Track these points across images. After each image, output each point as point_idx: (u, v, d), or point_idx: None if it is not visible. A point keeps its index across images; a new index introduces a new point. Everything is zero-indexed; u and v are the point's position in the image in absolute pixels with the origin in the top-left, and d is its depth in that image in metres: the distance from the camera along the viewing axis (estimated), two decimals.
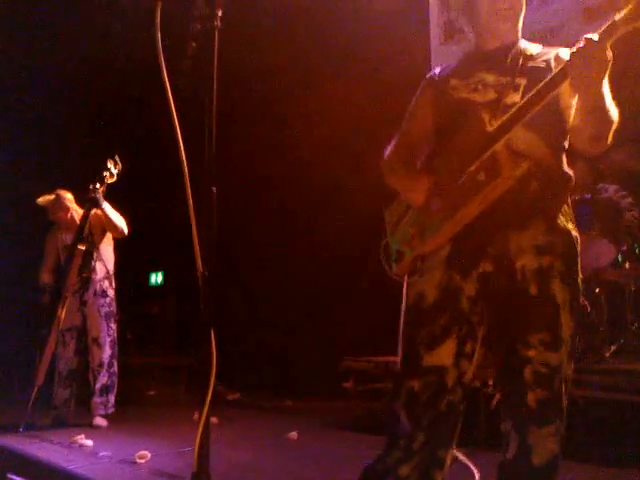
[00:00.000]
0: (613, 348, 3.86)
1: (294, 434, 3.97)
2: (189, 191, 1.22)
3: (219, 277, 1.25)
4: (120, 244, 4.83)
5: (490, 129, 1.67)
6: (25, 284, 4.85)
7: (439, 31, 5.35)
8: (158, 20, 1.27)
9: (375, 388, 4.45)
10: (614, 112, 1.70)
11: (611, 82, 1.62)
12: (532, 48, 1.87)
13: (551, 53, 1.84)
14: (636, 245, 4.04)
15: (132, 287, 7.97)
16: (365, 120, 5.22)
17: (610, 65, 1.56)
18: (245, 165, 6.48)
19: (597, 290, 3.89)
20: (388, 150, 2.04)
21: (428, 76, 2.01)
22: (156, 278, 8.89)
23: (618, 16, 1.52)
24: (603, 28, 1.54)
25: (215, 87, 1.26)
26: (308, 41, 5.90)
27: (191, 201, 1.20)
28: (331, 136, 5.60)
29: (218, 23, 1.32)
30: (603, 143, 1.73)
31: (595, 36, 1.54)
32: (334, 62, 5.87)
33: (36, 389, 4.29)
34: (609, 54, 1.55)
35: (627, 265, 4.02)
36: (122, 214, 4.64)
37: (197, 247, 1.22)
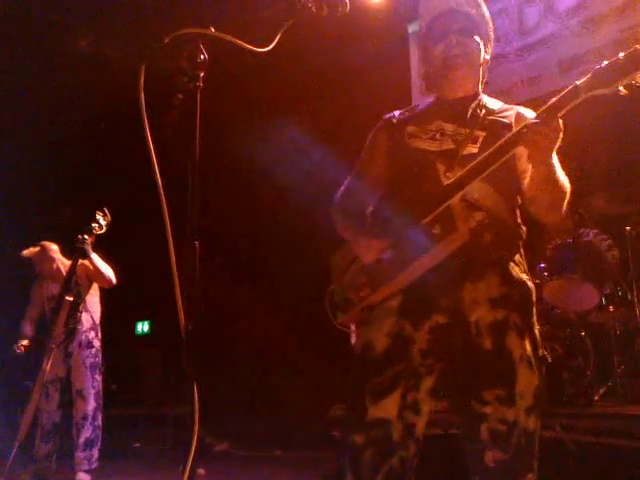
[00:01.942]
0: (601, 391, 3.86)
1: None
2: (171, 245, 1.23)
3: (203, 331, 1.25)
4: (107, 293, 4.81)
5: (446, 182, 1.64)
6: (5, 336, 4.78)
7: (420, 82, 5.49)
8: (142, 82, 1.31)
9: None
10: (565, 182, 1.71)
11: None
12: (493, 103, 1.89)
13: (512, 110, 1.85)
14: (619, 288, 4.08)
15: (118, 336, 7.86)
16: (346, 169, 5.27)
17: (560, 137, 1.57)
18: (228, 216, 6.53)
19: (583, 333, 3.90)
20: (339, 195, 1.99)
21: (385, 117, 1.98)
22: (142, 327, 8.80)
23: (580, 81, 1.53)
24: (564, 93, 1.55)
25: (198, 144, 1.29)
26: (291, 90, 6.03)
27: (173, 255, 1.21)
28: (316, 186, 5.66)
29: (200, 83, 1.36)
30: (559, 212, 1.75)
31: (552, 102, 1.54)
32: (317, 108, 5.99)
33: (17, 444, 4.16)
34: (559, 129, 1.55)
35: (611, 308, 4.05)
36: (110, 263, 4.64)
37: (179, 302, 1.23)
